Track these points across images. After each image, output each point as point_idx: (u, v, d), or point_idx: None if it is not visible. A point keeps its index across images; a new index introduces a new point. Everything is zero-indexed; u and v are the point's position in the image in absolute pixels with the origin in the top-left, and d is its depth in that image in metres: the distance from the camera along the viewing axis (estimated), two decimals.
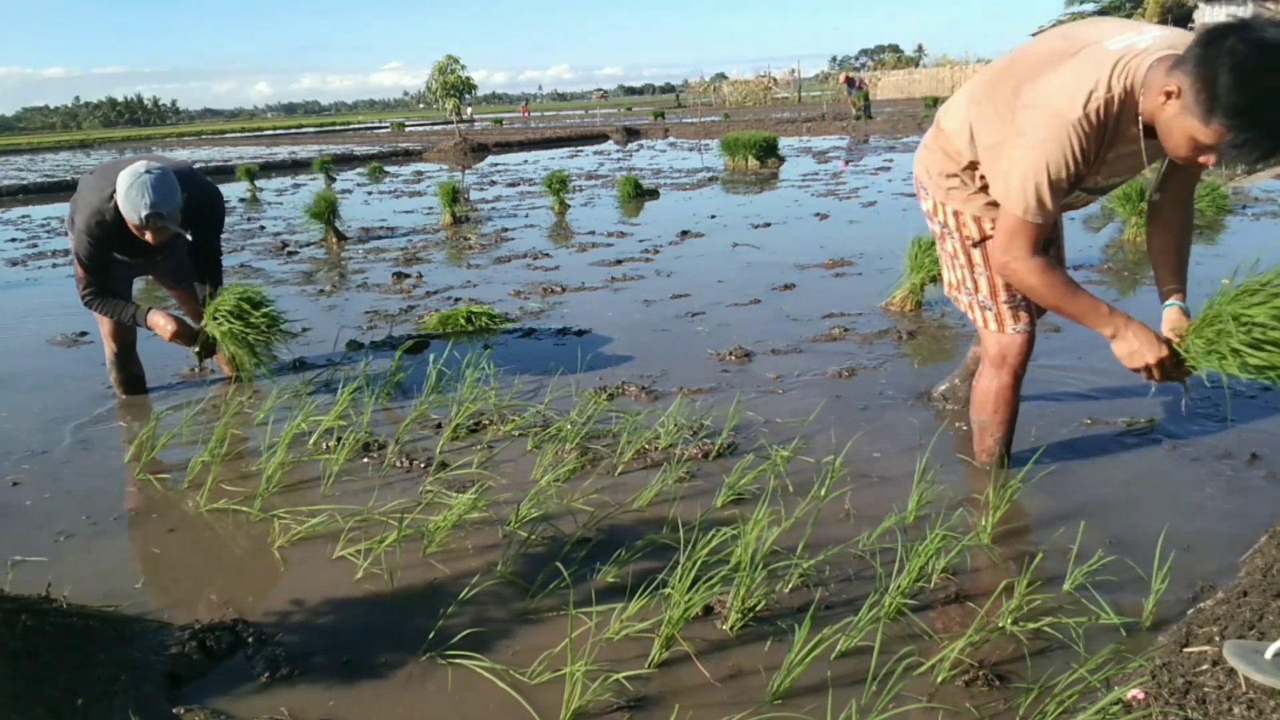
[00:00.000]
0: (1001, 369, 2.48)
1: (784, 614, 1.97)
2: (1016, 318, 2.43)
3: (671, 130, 23.29)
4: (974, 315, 2.51)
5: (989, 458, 2.62)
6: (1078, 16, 48.98)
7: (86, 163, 25.55)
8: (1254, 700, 1.46)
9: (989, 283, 2.41)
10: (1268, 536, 2.12)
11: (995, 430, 2.57)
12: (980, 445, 2.64)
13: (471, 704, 1.75)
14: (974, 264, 2.42)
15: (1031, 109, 1.98)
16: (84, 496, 2.82)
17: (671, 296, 5.07)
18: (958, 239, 2.43)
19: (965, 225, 2.40)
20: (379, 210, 10.36)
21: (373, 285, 5.91)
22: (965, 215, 2.39)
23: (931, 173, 2.40)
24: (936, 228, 2.52)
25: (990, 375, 2.52)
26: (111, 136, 51.15)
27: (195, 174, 3.62)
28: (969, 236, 2.41)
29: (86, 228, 3.33)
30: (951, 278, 2.54)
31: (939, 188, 2.39)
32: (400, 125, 38.20)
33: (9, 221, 11.21)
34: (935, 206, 2.46)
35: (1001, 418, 2.55)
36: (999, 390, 2.51)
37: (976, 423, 2.61)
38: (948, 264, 2.54)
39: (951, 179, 2.35)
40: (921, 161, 2.48)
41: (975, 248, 2.40)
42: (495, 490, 2.64)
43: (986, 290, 2.43)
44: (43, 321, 5.28)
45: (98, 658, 1.82)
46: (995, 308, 2.44)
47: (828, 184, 10.25)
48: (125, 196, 3.19)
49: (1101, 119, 1.93)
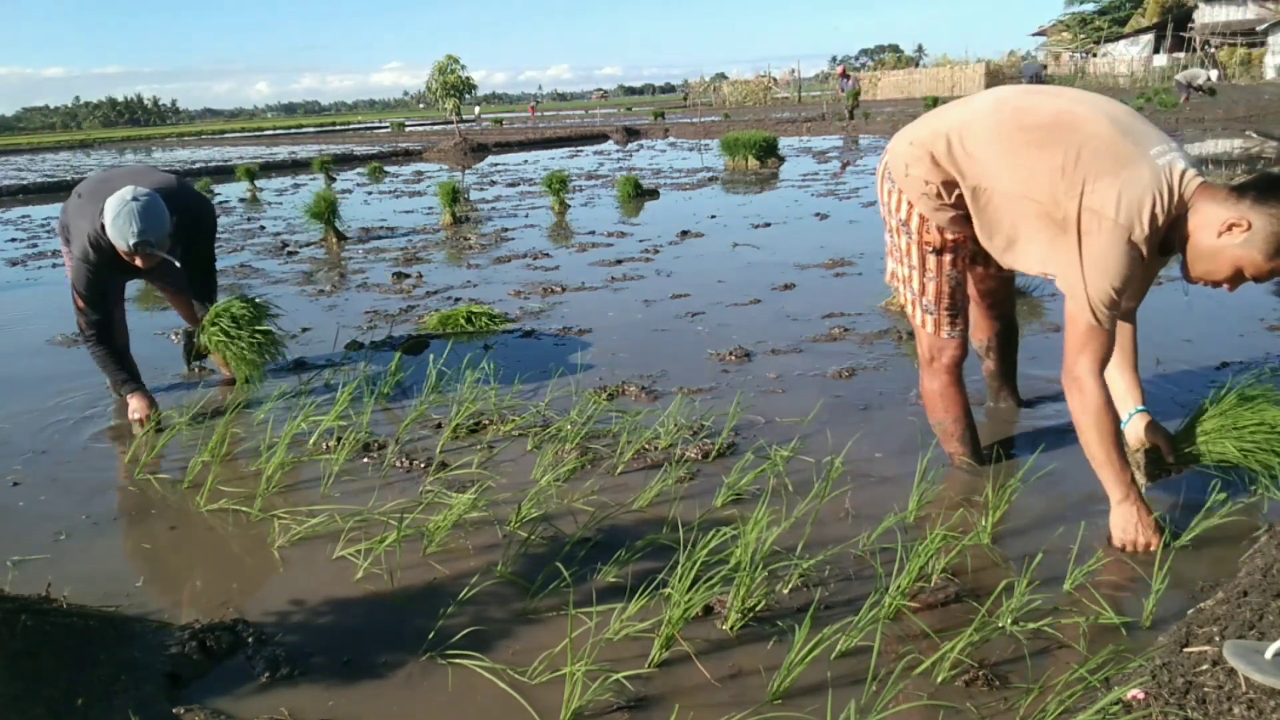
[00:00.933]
0: (935, 368, 2.58)
1: (784, 614, 1.97)
2: (953, 324, 2.51)
3: (671, 130, 23.29)
4: (912, 313, 2.57)
5: (960, 461, 2.67)
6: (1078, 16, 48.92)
7: (86, 163, 25.56)
8: (1254, 700, 1.46)
9: (935, 289, 2.47)
10: (1268, 536, 2.12)
11: (953, 428, 2.63)
12: (948, 448, 2.69)
13: (471, 704, 1.75)
14: (926, 269, 2.45)
15: (1097, 216, 2.01)
16: (84, 496, 2.82)
17: (671, 296, 5.07)
18: (915, 240, 2.43)
19: (929, 231, 2.40)
20: (379, 210, 10.37)
21: (373, 285, 5.91)
22: (930, 223, 2.39)
23: (910, 172, 2.36)
24: (894, 221, 2.49)
25: (929, 376, 2.61)
26: (111, 136, 51.16)
27: (184, 187, 3.57)
28: (929, 243, 2.41)
29: (83, 255, 3.27)
30: (898, 270, 2.56)
31: (913, 188, 2.36)
32: (400, 125, 38.18)
33: (9, 221, 11.21)
34: (900, 203, 2.43)
35: (954, 415, 2.61)
36: (941, 389, 2.59)
37: (936, 427, 2.69)
38: (895, 257, 2.56)
39: (929, 186, 2.32)
40: (900, 156, 2.40)
41: (933, 254, 2.43)
42: (495, 490, 2.63)
43: (932, 295, 2.48)
44: (43, 321, 5.28)
45: (98, 658, 1.82)
46: (936, 313, 2.50)
47: (828, 184, 10.25)
48: (113, 225, 3.13)
49: (1156, 237, 2.03)
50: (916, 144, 2.36)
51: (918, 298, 2.51)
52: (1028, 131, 2.16)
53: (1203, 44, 34.67)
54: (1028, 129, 2.17)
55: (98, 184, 3.42)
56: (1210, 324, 3.89)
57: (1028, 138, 2.15)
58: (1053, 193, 2.08)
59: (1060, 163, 2.06)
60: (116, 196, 3.16)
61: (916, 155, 2.35)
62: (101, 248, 3.25)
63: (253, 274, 6.59)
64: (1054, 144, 2.09)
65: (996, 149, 2.21)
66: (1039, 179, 2.10)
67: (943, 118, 2.37)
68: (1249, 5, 36.31)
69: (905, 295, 2.56)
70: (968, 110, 2.35)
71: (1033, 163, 2.12)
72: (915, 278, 2.48)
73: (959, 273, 2.48)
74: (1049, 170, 2.08)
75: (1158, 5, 42.66)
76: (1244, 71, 33.39)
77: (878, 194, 2.60)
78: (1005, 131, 2.21)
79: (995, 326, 2.90)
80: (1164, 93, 19.94)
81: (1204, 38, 35.26)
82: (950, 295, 2.47)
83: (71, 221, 3.38)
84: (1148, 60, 36.40)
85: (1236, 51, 34.17)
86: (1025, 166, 2.14)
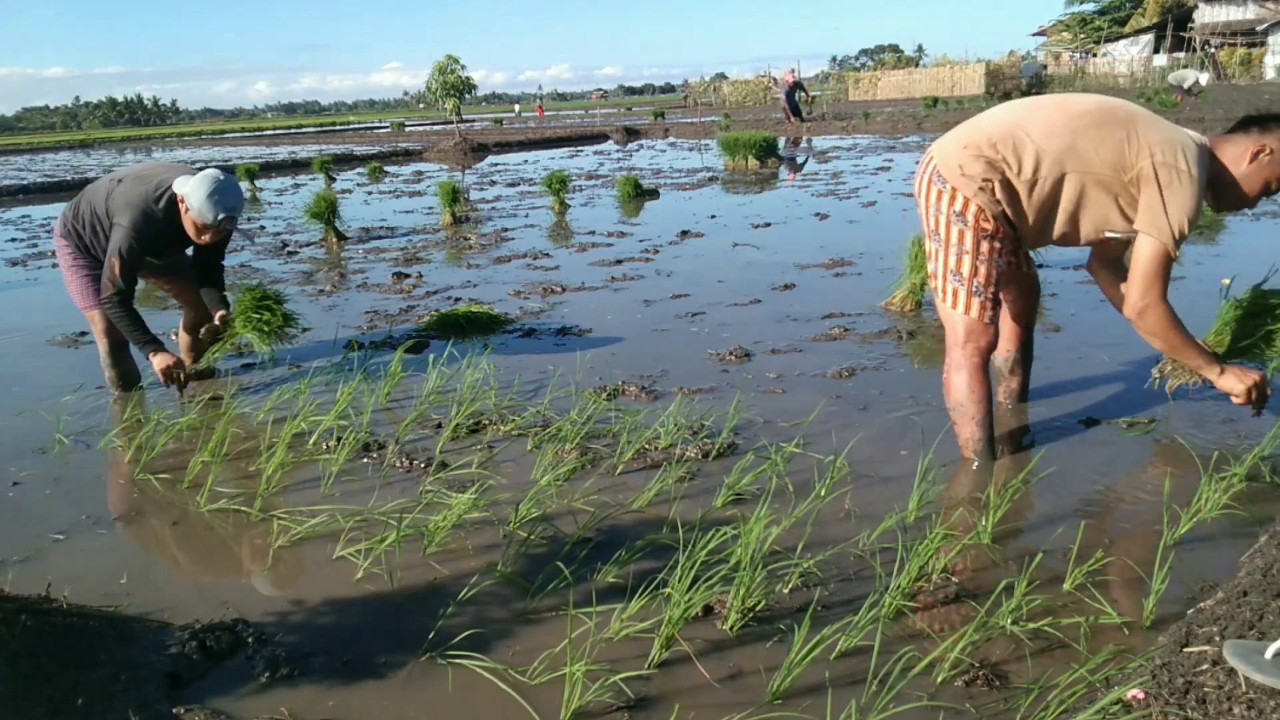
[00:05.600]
0: (969, 350, 2.65)
1: (784, 614, 1.97)
2: (995, 311, 2.67)
3: (671, 130, 23.29)
4: (953, 301, 2.66)
5: (974, 446, 2.69)
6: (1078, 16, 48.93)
7: (86, 162, 25.53)
8: (1254, 700, 1.46)
9: (987, 272, 2.62)
10: (1268, 536, 2.12)
11: (975, 410, 2.67)
12: (962, 434, 2.71)
13: (471, 704, 1.75)
14: (980, 253, 2.61)
15: (1172, 169, 2.41)
16: (84, 496, 2.82)
17: (671, 296, 5.07)
18: (971, 227, 2.59)
19: (985, 219, 2.59)
20: (379, 210, 10.36)
21: (373, 285, 5.91)
22: (987, 212, 2.58)
23: (966, 172, 2.57)
24: (943, 217, 2.63)
25: (961, 359, 2.67)
26: (111, 136, 51.11)
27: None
28: (984, 228, 2.59)
29: (134, 224, 3.48)
30: (946, 260, 2.66)
31: (969, 186, 2.57)
32: (400, 125, 38.17)
33: (9, 221, 11.20)
34: (953, 198, 2.61)
35: (978, 396, 2.67)
36: (972, 371, 2.66)
37: (954, 410, 2.72)
38: (942, 253, 2.66)
39: (985, 184, 2.56)
40: (953, 158, 2.61)
41: (986, 240, 2.60)
42: (495, 490, 2.63)
43: (983, 277, 2.62)
44: (43, 321, 5.28)
45: (98, 658, 1.82)
46: (984, 295, 2.63)
47: (828, 184, 10.25)
48: (205, 198, 3.42)
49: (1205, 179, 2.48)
50: (971, 147, 2.58)
51: (967, 281, 2.62)
52: (1080, 117, 2.51)
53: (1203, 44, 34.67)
54: (1079, 115, 2.52)
55: (145, 170, 3.66)
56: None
57: (1083, 121, 2.50)
58: (1121, 159, 2.44)
59: (1124, 134, 2.45)
60: (205, 175, 3.47)
61: (972, 156, 2.57)
62: (155, 219, 3.50)
63: (253, 274, 6.59)
64: (1109, 122, 2.48)
65: (1060, 140, 2.50)
66: (1105, 151, 2.45)
67: (988, 126, 2.61)
68: (1249, 5, 36.33)
69: (950, 285, 2.66)
70: (1012, 115, 2.62)
71: (1096, 139, 2.47)
72: (967, 262, 2.62)
73: (1005, 265, 2.67)
74: (1115, 141, 2.45)
75: (1158, 5, 42.71)
76: (1244, 71, 33.40)
77: (920, 199, 2.72)
78: (1061, 121, 2.52)
79: (1021, 337, 3.07)
80: (1164, 93, 19.95)
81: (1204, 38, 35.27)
82: (997, 282, 2.65)
83: (112, 203, 3.55)
84: (1148, 60, 36.38)
85: (1236, 51, 34.18)
86: (1090, 144, 2.47)
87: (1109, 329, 3.85)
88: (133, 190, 3.54)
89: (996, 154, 2.55)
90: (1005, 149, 2.54)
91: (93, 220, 3.63)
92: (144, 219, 3.48)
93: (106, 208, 3.58)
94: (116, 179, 3.66)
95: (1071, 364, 3.50)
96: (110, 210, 3.56)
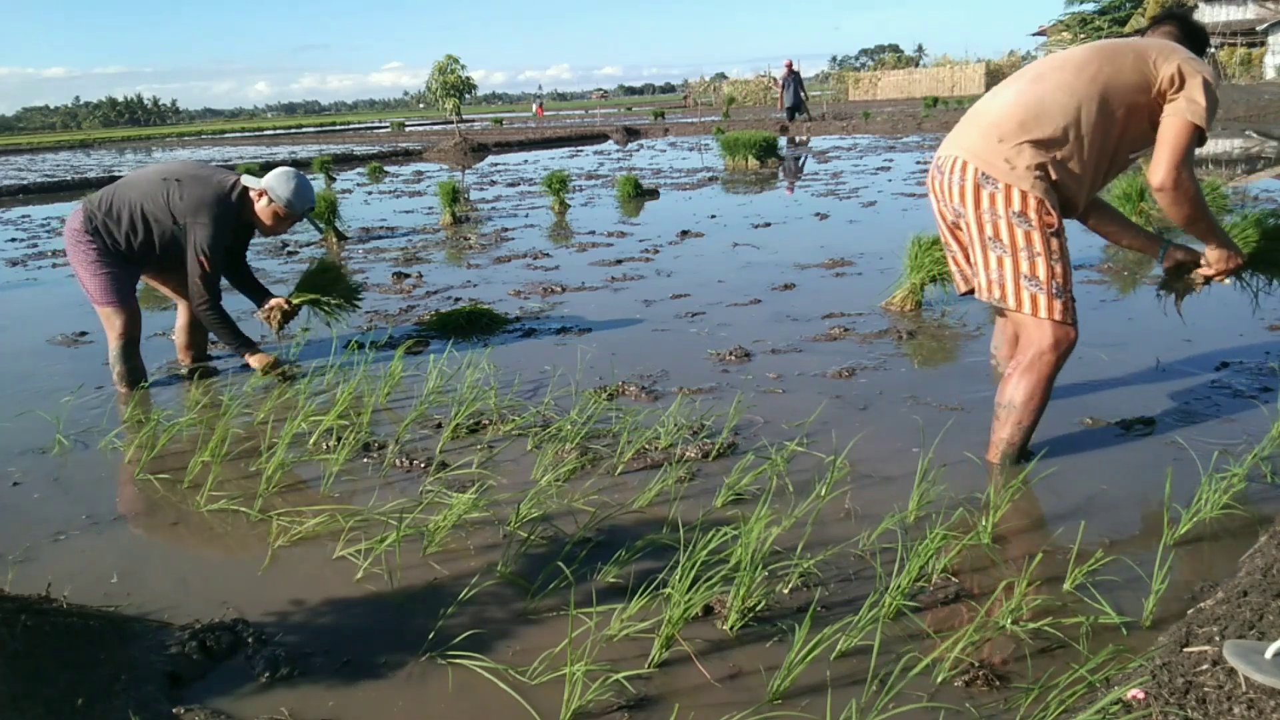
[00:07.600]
0: (1052, 357, 2.55)
1: (784, 614, 1.97)
2: (1073, 313, 2.57)
3: (671, 130, 23.29)
4: (1035, 306, 2.54)
5: (1009, 449, 2.63)
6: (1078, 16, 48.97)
7: (86, 163, 25.51)
8: (1254, 700, 1.46)
9: (1063, 269, 2.54)
10: (1268, 536, 2.12)
11: (1022, 416, 2.60)
12: (1001, 434, 2.64)
13: (472, 704, 1.75)
14: (1051, 251, 2.52)
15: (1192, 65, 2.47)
16: (84, 496, 2.82)
17: (671, 296, 5.07)
18: (1037, 226, 2.50)
19: (1048, 213, 2.52)
20: (379, 210, 10.36)
21: (373, 285, 5.91)
22: (1047, 203, 2.51)
23: (1016, 166, 2.49)
24: (1002, 222, 2.52)
25: (1039, 365, 2.56)
26: (111, 136, 51.09)
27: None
28: (1050, 224, 2.51)
29: (217, 219, 3.63)
30: (1022, 268, 2.54)
31: (1024, 179, 2.49)
32: (400, 125, 38.18)
33: (9, 221, 11.20)
34: (1009, 198, 2.50)
35: (1035, 405, 2.60)
36: (1042, 378, 2.58)
37: (1002, 408, 2.63)
38: (1021, 256, 2.53)
39: (1039, 170, 2.49)
40: (996, 155, 2.51)
41: (1054, 236, 2.52)
42: (495, 490, 2.64)
43: (1061, 275, 2.53)
44: (43, 321, 5.28)
45: (98, 658, 1.82)
46: (1064, 296, 2.54)
47: (828, 184, 10.25)
48: (295, 191, 3.71)
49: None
50: (1007, 139, 2.51)
51: (1045, 284, 2.52)
52: (1085, 64, 2.53)
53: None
54: (1084, 63, 2.53)
55: (193, 170, 3.77)
56: (1210, 324, 3.89)
57: (1092, 66, 2.52)
58: (1143, 80, 2.48)
59: (1133, 57, 2.50)
60: (286, 170, 3.77)
61: (1013, 147, 2.50)
62: (232, 215, 3.70)
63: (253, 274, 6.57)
64: (1114, 53, 2.53)
65: (1083, 90, 2.49)
66: (1125, 75, 2.49)
67: (1005, 113, 2.55)
68: (1249, 5, 36.31)
69: (1026, 291, 2.54)
70: (1017, 94, 2.58)
71: (1112, 70, 2.50)
72: (1042, 265, 2.52)
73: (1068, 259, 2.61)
74: (1130, 64, 2.49)
75: (1158, 5, 42.67)
76: (1244, 71, 33.39)
77: (965, 206, 2.60)
78: (1071, 76, 2.52)
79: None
80: None
81: None
82: (1069, 278, 2.57)
83: (183, 205, 3.65)
84: None
85: (1236, 51, 34.17)
86: (1109, 77, 2.49)
87: (1109, 329, 3.85)
88: (203, 190, 3.65)
89: (1036, 133, 2.48)
90: (1041, 126, 2.48)
91: (144, 221, 3.68)
92: (226, 214, 3.65)
93: (171, 210, 3.66)
94: (173, 179, 3.70)
95: (1071, 364, 3.48)
96: (182, 211, 3.65)
